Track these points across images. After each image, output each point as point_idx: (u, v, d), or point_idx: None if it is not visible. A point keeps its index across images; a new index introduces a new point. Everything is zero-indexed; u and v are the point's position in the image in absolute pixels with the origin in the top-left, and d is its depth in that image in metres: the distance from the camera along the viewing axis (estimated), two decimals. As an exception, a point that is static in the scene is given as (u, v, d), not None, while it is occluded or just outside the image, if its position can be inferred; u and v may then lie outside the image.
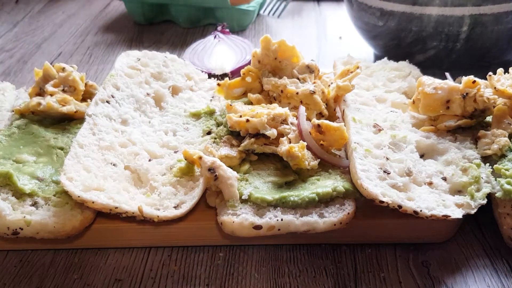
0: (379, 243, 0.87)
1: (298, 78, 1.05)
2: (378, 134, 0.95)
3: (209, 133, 1.00)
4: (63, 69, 1.06)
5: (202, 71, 1.26)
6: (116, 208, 0.79)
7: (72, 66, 1.10)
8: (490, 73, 0.97)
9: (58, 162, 0.92)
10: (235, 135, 0.96)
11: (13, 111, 1.05)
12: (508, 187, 0.81)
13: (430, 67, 1.26)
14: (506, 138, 0.90)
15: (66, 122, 1.03)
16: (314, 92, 1.00)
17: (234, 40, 1.48)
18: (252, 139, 0.92)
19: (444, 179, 0.87)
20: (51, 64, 1.08)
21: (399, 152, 0.91)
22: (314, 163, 0.89)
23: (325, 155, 0.91)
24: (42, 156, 0.93)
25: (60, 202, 0.83)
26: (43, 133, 0.98)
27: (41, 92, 1.05)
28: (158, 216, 0.80)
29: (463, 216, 0.80)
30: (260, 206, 0.82)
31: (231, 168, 0.86)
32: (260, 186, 0.87)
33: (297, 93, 1.00)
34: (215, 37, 1.49)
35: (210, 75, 1.27)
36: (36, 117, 1.02)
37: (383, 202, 0.79)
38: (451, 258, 0.85)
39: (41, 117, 1.03)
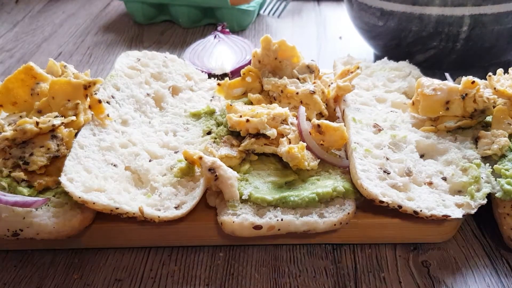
0: (379, 243, 0.87)
1: (298, 78, 1.05)
2: (378, 134, 0.95)
3: (209, 133, 1.00)
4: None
5: (202, 71, 1.26)
6: (117, 209, 0.79)
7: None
8: (490, 73, 0.97)
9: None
10: (235, 135, 0.96)
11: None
12: (508, 187, 0.81)
13: (430, 67, 1.26)
14: (506, 138, 0.90)
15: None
16: (314, 92, 1.00)
17: (234, 40, 1.48)
18: (252, 139, 0.92)
19: (444, 179, 0.87)
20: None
21: (399, 152, 0.91)
22: (314, 163, 0.89)
23: (325, 155, 0.91)
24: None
25: (59, 202, 0.83)
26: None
27: None
28: (159, 217, 0.80)
29: (463, 216, 0.80)
30: (260, 206, 0.82)
31: (231, 168, 0.86)
32: (260, 186, 0.87)
33: (297, 93, 1.00)
34: (215, 37, 1.49)
35: (210, 75, 1.27)
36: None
37: (383, 202, 0.79)
38: (451, 258, 0.85)
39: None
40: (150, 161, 0.92)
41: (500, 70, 1.00)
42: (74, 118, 0.90)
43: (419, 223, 0.83)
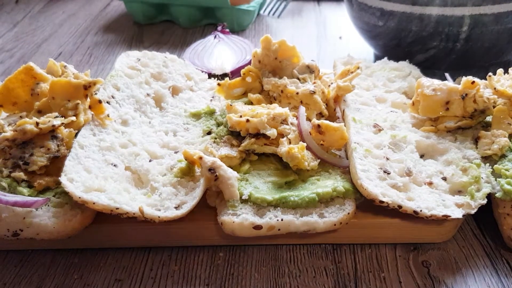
0: (379, 243, 0.87)
1: (298, 78, 1.05)
2: (378, 134, 0.95)
3: (209, 133, 1.00)
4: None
5: (202, 71, 1.26)
6: (117, 209, 0.79)
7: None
8: (490, 73, 0.97)
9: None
10: (235, 135, 0.96)
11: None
12: (508, 187, 0.81)
13: (430, 67, 1.26)
14: (506, 138, 0.90)
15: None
16: (314, 92, 1.00)
17: (234, 40, 1.48)
18: (252, 139, 0.92)
19: (444, 179, 0.87)
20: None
21: (399, 152, 0.91)
22: (314, 163, 0.89)
23: (325, 155, 0.91)
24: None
25: (59, 202, 0.83)
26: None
27: None
28: (159, 217, 0.80)
29: (463, 216, 0.80)
30: (260, 206, 0.82)
31: (231, 168, 0.86)
32: (260, 186, 0.87)
33: (297, 93, 1.00)
34: (215, 37, 1.49)
35: (210, 75, 1.27)
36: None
37: (383, 202, 0.79)
38: (451, 258, 0.85)
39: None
40: (150, 161, 0.92)
41: (500, 70, 1.00)
42: (74, 118, 0.90)
43: (419, 223, 0.83)
